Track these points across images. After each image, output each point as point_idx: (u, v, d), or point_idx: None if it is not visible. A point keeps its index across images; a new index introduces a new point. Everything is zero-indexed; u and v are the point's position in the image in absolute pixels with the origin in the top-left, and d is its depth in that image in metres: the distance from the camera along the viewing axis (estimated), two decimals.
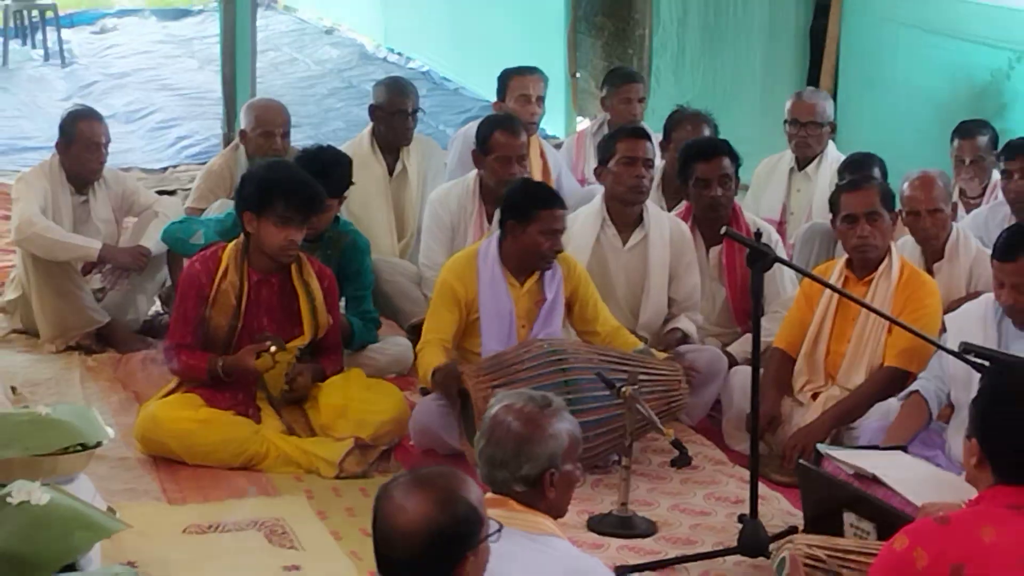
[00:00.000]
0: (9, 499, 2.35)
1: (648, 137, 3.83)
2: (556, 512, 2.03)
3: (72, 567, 2.43)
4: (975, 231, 3.83)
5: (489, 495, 1.94)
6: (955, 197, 4.21)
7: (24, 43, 9.37)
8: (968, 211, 4.29)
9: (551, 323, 3.41)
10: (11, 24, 9.37)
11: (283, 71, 9.16)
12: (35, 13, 9.35)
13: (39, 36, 9.32)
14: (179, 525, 3.02)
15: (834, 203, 3.38)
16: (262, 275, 3.25)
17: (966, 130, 4.28)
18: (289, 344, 3.27)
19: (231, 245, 3.25)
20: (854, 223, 3.24)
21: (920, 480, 2.84)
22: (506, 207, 3.36)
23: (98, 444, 2.72)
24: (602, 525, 2.98)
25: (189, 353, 3.29)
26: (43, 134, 6.09)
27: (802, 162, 4.43)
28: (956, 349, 2.75)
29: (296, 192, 3.04)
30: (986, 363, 2.61)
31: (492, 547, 1.66)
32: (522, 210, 3.28)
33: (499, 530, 1.64)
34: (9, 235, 4.41)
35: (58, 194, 4.10)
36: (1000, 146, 4.21)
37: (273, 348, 3.17)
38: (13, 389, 3.60)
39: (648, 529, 3.00)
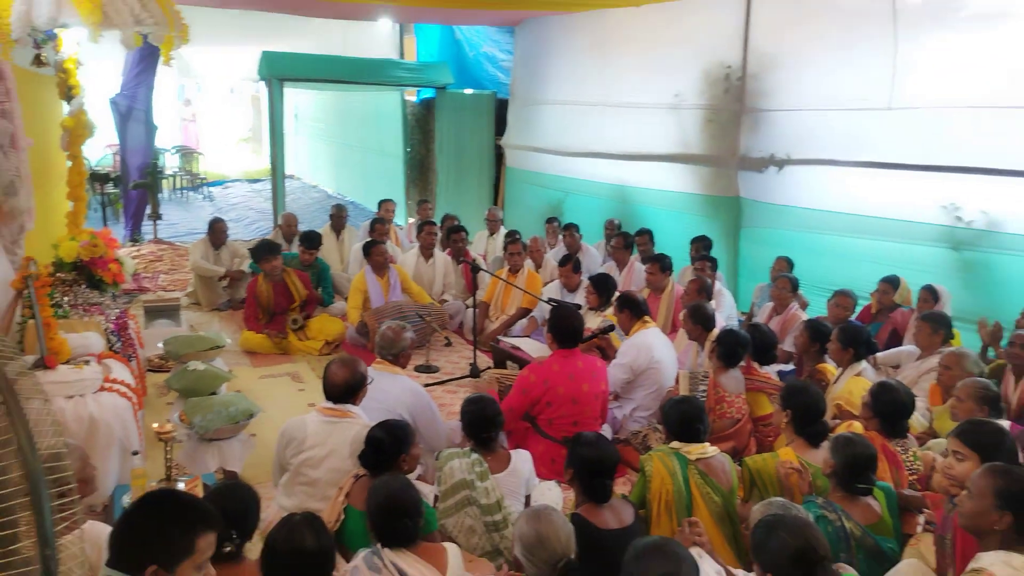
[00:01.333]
0: (187, 367, 4.73)
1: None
2: (402, 367, 4.30)
3: (214, 392, 4.58)
4: None
5: (377, 361, 4.27)
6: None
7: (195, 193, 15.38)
8: None
9: (396, 295, 7.08)
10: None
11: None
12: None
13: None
14: (256, 375, 6.29)
15: None
16: (276, 282, 6.92)
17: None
18: (292, 306, 7.00)
19: (259, 277, 6.88)
20: None
21: (533, 348, 5.77)
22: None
23: (223, 346, 5.21)
24: (419, 369, 6.39)
25: (253, 323, 6.81)
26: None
27: None
28: None
29: None
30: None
31: (373, 384, 3.69)
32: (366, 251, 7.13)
33: (372, 380, 3.73)
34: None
35: (208, 251, 7.97)
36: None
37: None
38: (192, 327, 7.03)
39: (437, 369, 6.50)
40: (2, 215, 4.45)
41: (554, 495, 3.95)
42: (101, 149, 13.93)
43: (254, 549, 2.87)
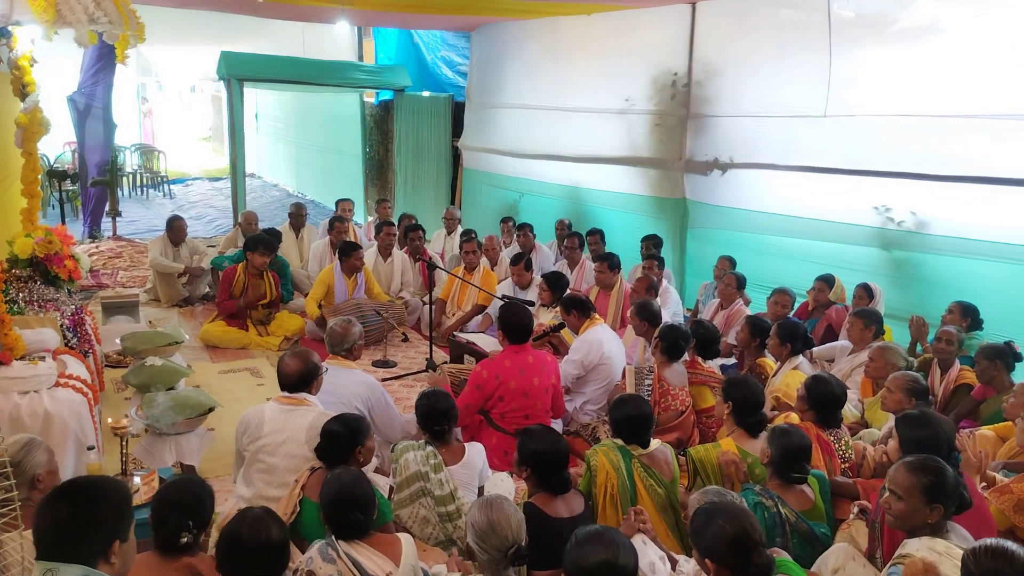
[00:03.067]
0: (145, 363, 4.67)
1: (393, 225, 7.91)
2: (355, 359, 4.30)
3: (172, 388, 4.47)
4: None
5: (330, 357, 4.51)
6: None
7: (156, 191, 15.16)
8: None
9: (360, 293, 6.99)
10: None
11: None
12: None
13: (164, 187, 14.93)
14: (216, 370, 6.19)
15: None
16: (252, 276, 6.74)
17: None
18: (262, 302, 6.78)
19: (240, 265, 6.71)
20: None
21: (488, 343, 5.62)
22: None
23: (181, 342, 5.30)
24: (376, 364, 6.37)
25: (226, 304, 6.70)
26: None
27: None
28: None
29: None
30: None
31: (327, 376, 3.69)
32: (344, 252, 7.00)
33: (327, 369, 3.76)
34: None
35: (167, 248, 7.78)
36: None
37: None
38: (151, 323, 6.90)
39: (394, 364, 6.44)
40: None
41: (506, 486, 3.95)
42: (60, 146, 13.53)
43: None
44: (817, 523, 3.17)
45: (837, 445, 3.76)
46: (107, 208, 10.49)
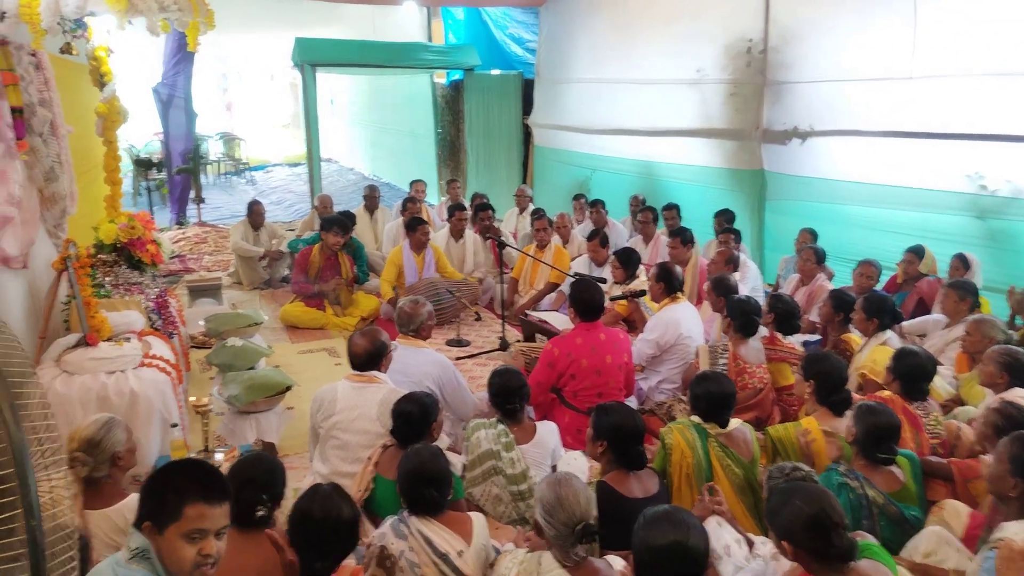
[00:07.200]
0: (226, 344, 4.72)
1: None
2: (425, 338, 4.25)
3: (252, 368, 4.62)
4: None
5: (401, 337, 4.18)
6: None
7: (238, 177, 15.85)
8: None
9: (430, 272, 7.05)
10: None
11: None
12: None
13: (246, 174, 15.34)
14: (295, 350, 6.30)
15: None
16: (328, 256, 6.88)
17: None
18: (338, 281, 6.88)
19: (315, 246, 6.82)
20: None
21: (561, 321, 5.61)
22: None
23: (261, 323, 5.34)
24: (450, 343, 6.38)
25: (302, 285, 6.85)
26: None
27: None
28: None
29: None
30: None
31: (397, 353, 3.78)
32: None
33: (396, 348, 3.87)
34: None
35: (248, 232, 7.95)
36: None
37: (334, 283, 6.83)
38: (233, 305, 7.07)
39: (467, 343, 6.40)
40: (44, 200, 4.47)
41: (579, 465, 3.88)
42: (148, 136, 14.03)
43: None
44: (907, 505, 2.99)
45: (926, 419, 3.55)
46: (191, 195, 10.82)
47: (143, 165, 11.39)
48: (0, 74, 3.66)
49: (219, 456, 3.64)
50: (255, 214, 8.05)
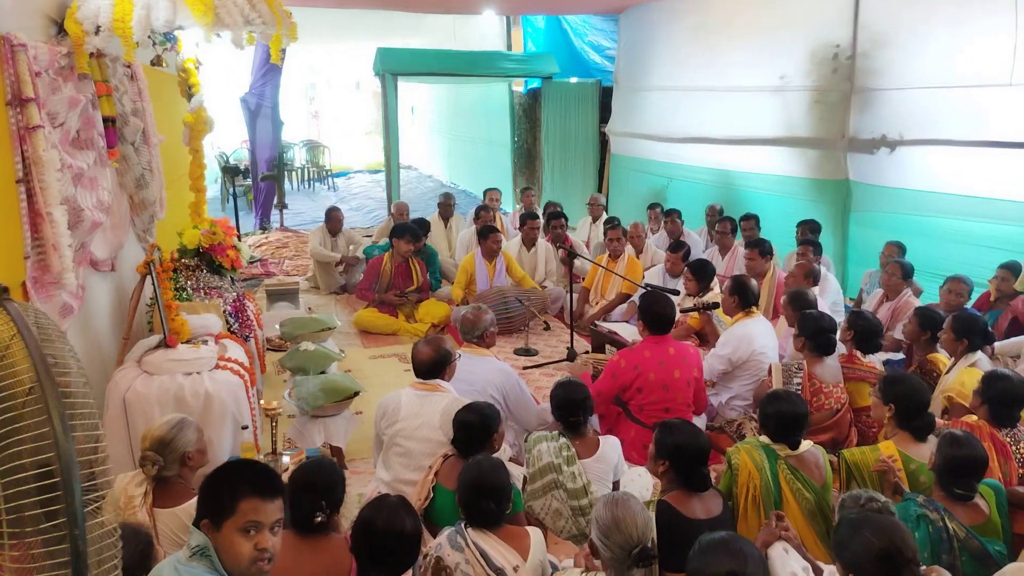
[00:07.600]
0: (299, 348, 4.93)
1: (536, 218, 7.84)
2: (489, 347, 4.23)
3: (323, 372, 4.69)
4: None
5: (465, 345, 4.19)
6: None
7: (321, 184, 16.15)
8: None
9: (501, 279, 7.06)
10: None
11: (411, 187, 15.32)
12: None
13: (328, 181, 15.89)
14: (366, 355, 6.37)
15: None
16: (399, 263, 7.03)
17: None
18: (409, 288, 6.98)
19: (387, 254, 6.95)
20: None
21: (631, 333, 5.52)
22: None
23: (334, 328, 5.54)
24: (518, 352, 6.36)
25: (363, 292, 6.98)
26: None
27: None
28: None
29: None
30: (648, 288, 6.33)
31: (460, 362, 3.74)
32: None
33: (460, 356, 3.81)
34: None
35: (326, 238, 8.15)
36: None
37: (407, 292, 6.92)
38: (309, 309, 7.16)
39: (535, 352, 6.36)
40: (134, 206, 4.67)
41: (644, 482, 3.82)
42: (237, 144, 14.56)
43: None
44: (991, 540, 2.81)
45: (1015, 448, 3.33)
46: (275, 201, 11.16)
47: (231, 172, 11.80)
48: (95, 85, 3.83)
49: (286, 459, 3.71)
50: (333, 220, 8.24)
